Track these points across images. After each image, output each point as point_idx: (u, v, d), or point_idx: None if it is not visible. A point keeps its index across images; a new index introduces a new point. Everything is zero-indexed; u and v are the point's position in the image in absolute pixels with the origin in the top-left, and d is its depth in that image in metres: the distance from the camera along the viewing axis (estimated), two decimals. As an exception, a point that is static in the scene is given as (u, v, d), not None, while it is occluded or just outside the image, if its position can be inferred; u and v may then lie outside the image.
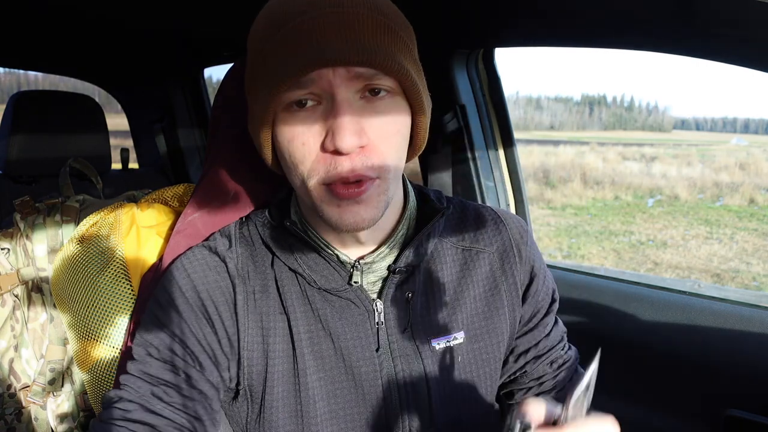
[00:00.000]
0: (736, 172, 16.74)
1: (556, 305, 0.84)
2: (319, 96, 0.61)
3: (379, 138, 0.62)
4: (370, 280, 0.73)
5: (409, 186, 0.78)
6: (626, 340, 1.24)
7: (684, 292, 1.22)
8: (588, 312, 1.29)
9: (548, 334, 0.83)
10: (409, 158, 0.73)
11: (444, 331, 0.74)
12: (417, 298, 0.73)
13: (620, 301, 1.27)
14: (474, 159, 1.46)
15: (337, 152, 0.60)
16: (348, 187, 0.62)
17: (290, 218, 0.73)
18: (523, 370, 0.83)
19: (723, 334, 1.11)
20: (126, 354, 0.85)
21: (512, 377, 0.84)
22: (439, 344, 0.73)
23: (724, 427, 1.09)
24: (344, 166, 0.60)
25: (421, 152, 0.74)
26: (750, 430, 1.06)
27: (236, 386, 0.72)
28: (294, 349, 0.70)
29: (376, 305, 0.72)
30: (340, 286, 0.71)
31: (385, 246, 0.72)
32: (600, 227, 10.93)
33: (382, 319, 0.72)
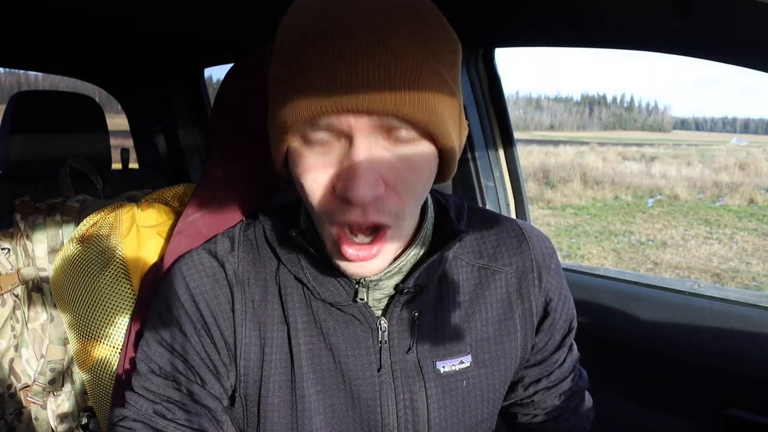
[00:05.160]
0: (736, 172, 16.74)
1: (573, 334, 0.80)
2: (338, 133, 0.56)
3: (399, 185, 0.57)
4: (377, 297, 0.70)
5: (429, 201, 0.72)
6: (626, 340, 1.24)
7: (684, 292, 1.22)
8: (588, 312, 1.29)
9: (562, 364, 0.78)
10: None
11: (450, 354, 0.70)
12: (425, 318, 0.70)
13: (620, 301, 1.27)
14: (474, 159, 1.46)
15: (348, 200, 0.55)
16: (359, 248, 0.59)
17: (298, 227, 0.70)
18: (531, 399, 0.79)
19: (723, 334, 1.11)
20: (130, 365, 0.85)
21: (519, 403, 0.81)
22: (444, 367, 0.70)
23: (724, 427, 1.09)
24: (353, 214, 0.57)
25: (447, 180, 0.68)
26: (750, 430, 1.06)
27: (233, 393, 0.71)
28: (292, 359, 0.69)
29: (380, 323, 0.69)
30: (345, 300, 0.68)
31: (395, 265, 0.67)
32: (600, 227, 10.93)
33: (386, 338, 0.69)
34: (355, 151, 0.55)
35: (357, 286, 0.68)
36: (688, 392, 1.16)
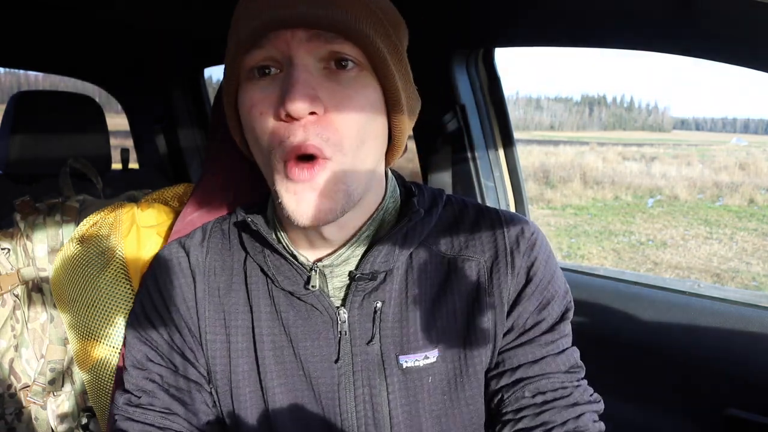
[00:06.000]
0: (736, 172, 16.73)
1: (562, 329, 0.69)
2: (280, 63, 0.59)
3: (337, 110, 0.58)
4: (336, 286, 0.67)
5: (392, 183, 0.71)
6: (626, 340, 1.24)
7: (684, 292, 1.22)
8: (587, 312, 1.29)
9: (536, 361, 0.67)
10: (389, 160, 0.69)
11: (415, 348, 0.66)
12: (388, 309, 0.67)
13: (620, 301, 1.27)
14: (474, 159, 1.46)
15: (289, 117, 0.56)
16: (300, 165, 0.57)
17: (263, 214, 0.71)
18: (499, 396, 0.68)
19: (723, 334, 1.11)
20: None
21: (495, 410, 0.69)
22: (407, 362, 0.66)
23: (724, 427, 1.09)
24: (297, 135, 0.57)
25: (401, 154, 0.68)
26: (750, 430, 1.06)
27: (208, 384, 0.72)
28: (255, 349, 0.68)
29: (339, 313, 0.66)
30: (301, 289, 0.67)
31: (345, 248, 0.66)
32: (600, 227, 10.93)
33: (346, 329, 0.66)
34: (293, 69, 0.57)
35: (310, 272, 0.66)
36: (688, 392, 1.16)
